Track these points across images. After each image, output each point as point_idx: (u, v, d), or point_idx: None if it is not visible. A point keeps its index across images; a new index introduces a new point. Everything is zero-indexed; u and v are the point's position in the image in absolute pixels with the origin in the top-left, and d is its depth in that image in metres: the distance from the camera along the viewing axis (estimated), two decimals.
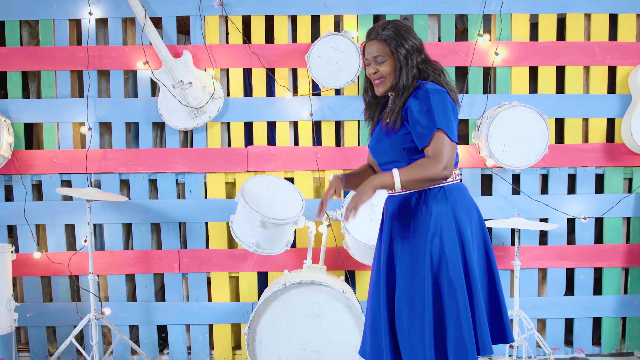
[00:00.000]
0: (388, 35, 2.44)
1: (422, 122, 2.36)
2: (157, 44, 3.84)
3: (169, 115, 3.91)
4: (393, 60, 2.45)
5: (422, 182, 2.36)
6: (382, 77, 2.48)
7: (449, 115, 2.37)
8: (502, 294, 2.57)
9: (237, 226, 3.51)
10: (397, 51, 2.43)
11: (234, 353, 4.11)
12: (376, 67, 2.48)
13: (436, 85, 2.42)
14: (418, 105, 2.38)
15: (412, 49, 2.44)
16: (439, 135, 2.33)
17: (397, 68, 2.44)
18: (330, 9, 3.97)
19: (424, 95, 2.38)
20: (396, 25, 2.47)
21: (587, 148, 4.02)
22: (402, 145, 2.46)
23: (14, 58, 3.97)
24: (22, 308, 3.99)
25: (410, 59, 2.44)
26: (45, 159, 3.99)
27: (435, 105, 2.35)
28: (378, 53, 2.46)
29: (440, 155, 2.31)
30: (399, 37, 2.44)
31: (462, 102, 3.98)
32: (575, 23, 4.01)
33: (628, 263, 4.06)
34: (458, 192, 2.49)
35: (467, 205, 2.49)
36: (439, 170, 2.31)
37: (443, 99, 2.38)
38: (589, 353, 4.11)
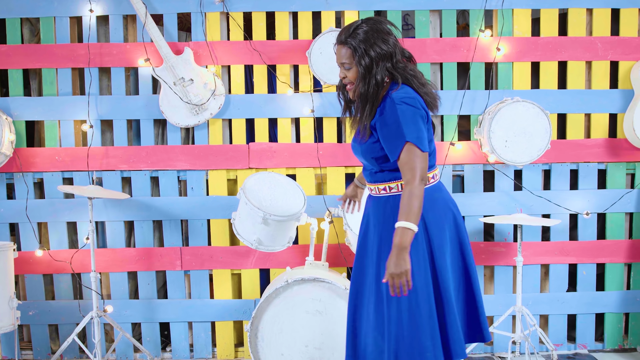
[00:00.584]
0: (353, 42, 2.40)
1: (390, 135, 2.37)
2: (158, 41, 3.83)
3: (170, 113, 3.90)
4: (357, 68, 2.43)
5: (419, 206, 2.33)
6: (350, 82, 2.49)
7: (417, 124, 2.36)
8: (479, 294, 2.59)
9: (239, 223, 3.50)
10: (359, 62, 2.40)
11: (237, 350, 4.11)
12: (345, 72, 2.49)
13: (405, 93, 2.40)
14: (385, 118, 2.38)
15: (378, 56, 2.39)
16: (408, 148, 2.34)
17: (359, 76, 2.43)
18: (331, 5, 3.96)
19: (390, 107, 2.37)
20: (365, 30, 2.41)
21: (590, 143, 4.01)
22: (371, 155, 2.50)
23: (15, 56, 3.97)
24: (25, 306, 3.99)
25: (375, 67, 2.40)
26: (47, 157, 3.99)
27: (403, 117, 2.35)
28: (345, 59, 2.45)
29: (413, 170, 2.34)
30: (365, 44, 2.39)
31: (464, 98, 3.97)
32: (577, 18, 4.00)
33: (631, 259, 4.05)
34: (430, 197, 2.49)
35: (439, 208, 2.51)
36: (418, 188, 2.33)
37: (410, 108, 2.37)
38: (591, 349, 4.10)
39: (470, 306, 2.59)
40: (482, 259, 4.03)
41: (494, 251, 4.02)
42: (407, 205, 2.31)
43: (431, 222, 2.47)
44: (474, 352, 4.07)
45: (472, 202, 4.01)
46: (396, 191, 2.51)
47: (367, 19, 2.47)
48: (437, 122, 4.11)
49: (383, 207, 2.53)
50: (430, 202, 2.48)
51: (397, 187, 2.51)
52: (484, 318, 2.60)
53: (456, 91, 3.99)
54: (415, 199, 2.31)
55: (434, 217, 2.48)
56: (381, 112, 2.40)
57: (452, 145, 3.97)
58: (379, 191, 2.56)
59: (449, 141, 3.99)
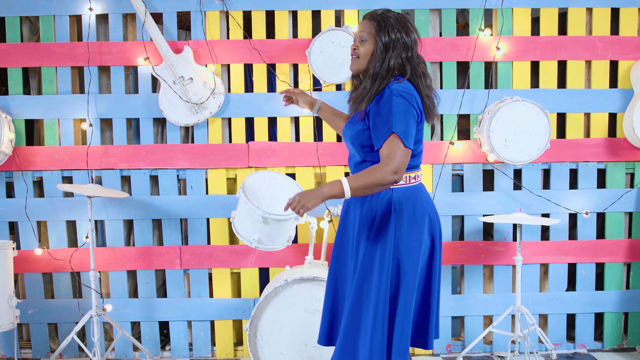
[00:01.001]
0: (380, 19, 2.47)
1: (379, 123, 2.39)
2: (158, 39, 3.83)
3: (169, 111, 3.90)
4: (374, 43, 2.48)
5: (371, 188, 2.38)
6: (357, 56, 2.52)
7: (407, 120, 2.38)
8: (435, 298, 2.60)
9: (239, 222, 3.50)
10: (380, 37, 2.45)
11: (236, 349, 4.11)
12: (357, 44, 2.52)
13: (405, 87, 2.42)
14: (380, 106, 2.41)
15: (397, 41, 2.45)
16: (392, 139, 2.36)
17: (374, 52, 2.47)
18: (330, 4, 3.96)
19: (387, 97, 2.40)
20: (395, 16, 2.50)
21: (589, 143, 4.01)
22: (358, 141, 2.51)
23: (15, 54, 3.96)
24: (24, 305, 3.99)
25: (392, 50, 2.45)
26: (46, 156, 3.98)
27: (396, 109, 2.37)
28: (365, 30, 2.50)
29: (391, 159, 2.35)
30: (390, 26, 2.45)
31: (463, 98, 3.97)
32: (576, 17, 4.00)
33: (630, 258, 4.05)
34: (407, 196, 2.51)
35: (416, 208, 2.51)
36: (387, 175, 2.34)
37: (405, 102, 2.39)
38: (590, 348, 4.11)
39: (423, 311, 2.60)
40: (481, 258, 4.03)
41: (493, 250, 4.02)
42: (363, 177, 2.34)
43: (405, 220, 2.47)
44: (473, 352, 4.07)
45: (472, 201, 4.01)
46: None
47: (399, 13, 2.54)
48: (436, 121, 4.12)
49: (362, 200, 2.54)
50: (409, 200, 2.50)
51: None
52: (432, 324, 2.61)
53: (456, 90, 3.99)
54: (372, 179, 2.34)
55: (408, 215, 2.48)
56: (377, 101, 2.43)
57: (452, 144, 3.97)
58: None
59: (448, 140, 3.99)
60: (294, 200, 2.34)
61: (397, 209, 2.48)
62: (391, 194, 2.49)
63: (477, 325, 4.07)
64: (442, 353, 4.09)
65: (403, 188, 2.51)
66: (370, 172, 2.36)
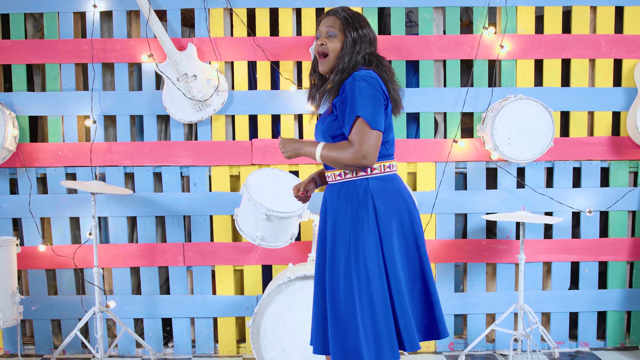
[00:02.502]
0: (346, 15, 2.51)
1: (345, 109, 2.40)
2: (162, 36, 3.83)
3: (173, 108, 3.91)
4: (342, 39, 2.50)
5: (338, 164, 2.44)
6: (326, 53, 2.52)
7: (372, 102, 2.38)
8: (434, 288, 2.56)
9: (242, 219, 3.51)
10: (349, 32, 2.49)
11: (239, 346, 4.11)
12: (325, 40, 2.53)
13: (367, 73, 2.43)
14: (345, 94, 2.41)
15: (364, 36, 2.51)
16: (359, 123, 2.36)
17: (343, 47, 2.49)
18: (335, 1, 3.96)
19: (350, 83, 2.41)
20: (357, 13, 2.55)
21: (593, 141, 4.00)
22: (329, 132, 2.51)
23: (19, 51, 3.97)
24: (27, 301, 4.00)
25: (359, 45, 2.49)
26: (50, 152, 3.99)
27: (359, 93, 2.37)
28: (332, 25, 2.51)
29: (357, 142, 2.36)
30: (356, 22, 2.51)
31: (467, 96, 3.97)
32: (580, 15, 4.00)
33: (633, 257, 4.05)
34: (384, 185, 2.50)
35: (391, 197, 2.50)
36: (355, 158, 2.36)
37: (369, 86, 2.39)
38: (593, 347, 4.11)
39: (426, 301, 2.56)
40: (484, 256, 4.03)
41: (496, 249, 4.02)
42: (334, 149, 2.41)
43: (381, 210, 2.45)
44: (475, 350, 4.07)
45: (475, 199, 4.01)
46: (351, 177, 2.50)
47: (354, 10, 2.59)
48: (440, 119, 4.12)
49: (337, 194, 2.53)
50: (383, 190, 2.49)
51: (352, 173, 2.51)
52: (439, 314, 2.56)
53: (459, 88, 3.99)
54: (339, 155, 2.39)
55: (383, 204, 2.46)
56: (343, 90, 2.44)
57: (455, 142, 3.97)
58: (335, 177, 2.55)
59: (451, 138, 3.99)
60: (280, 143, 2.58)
61: (374, 197, 2.46)
62: (367, 184, 2.48)
63: (480, 324, 4.07)
64: (444, 351, 4.09)
65: (378, 177, 2.50)
66: (340, 147, 2.40)
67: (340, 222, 2.49)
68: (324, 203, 2.64)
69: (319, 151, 2.45)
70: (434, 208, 4.00)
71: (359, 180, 2.49)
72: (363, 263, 2.41)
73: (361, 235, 2.43)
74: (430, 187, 4.02)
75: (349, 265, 2.43)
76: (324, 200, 2.65)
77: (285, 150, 2.55)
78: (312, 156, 2.47)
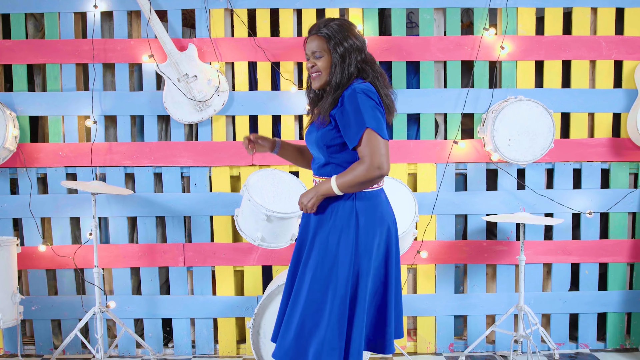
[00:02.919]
0: (328, 32, 2.49)
1: (351, 122, 2.41)
2: (163, 37, 3.83)
3: (174, 109, 3.91)
4: (330, 56, 2.49)
5: (356, 185, 2.44)
6: (318, 71, 2.53)
7: (376, 114, 2.41)
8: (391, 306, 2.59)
9: (242, 220, 3.51)
10: (335, 49, 2.48)
11: (239, 347, 4.11)
12: (314, 61, 2.53)
13: (367, 87, 2.45)
14: (346, 107, 2.42)
15: (351, 47, 2.48)
16: (368, 134, 2.38)
17: (332, 65, 2.49)
18: (335, 2, 3.96)
19: (351, 96, 2.42)
20: (339, 23, 2.51)
21: (593, 143, 4.01)
22: (323, 142, 2.52)
23: (20, 51, 3.97)
24: (28, 301, 4.00)
25: (348, 58, 2.48)
26: (51, 152, 3.99)
27: (363, 105, 2.39)
28: (316, 49, 2.51)
29: (369, 155, 2.38)
30: (339, 35, 2.48)
31: (467, 97, 3.97)
32: (581, 17, 4.00)
33: (633, 258, 4.05)
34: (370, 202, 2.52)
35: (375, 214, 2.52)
36: (370, 171, 2.38)
37: (369, 99, 2.41)
38: (593, 348, 4.11)
39: (380, 316, 2.60)
40: (484, 257, 4.03)
41: (496, 250, 4.02)
42: (347, 175, 2.42)
43: (362, 226, 2.48)
44: (475, 351, 4.07)
45: (475, 200, 4.01)
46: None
47: (338, 18, 2.58)
48: (440, 120, 4.12)
49: (323, 203, 2.54)
50: (368, 207, 2.51)
51: None
52: (390, 330, 2.59)
53: (460, 89, 4.00)
54: (355, 177, 2.40)
55: (366, 221, 2.49)
56: (342, 103, 2.44)
57: (456, 143, 3.97)
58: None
59: (452, 139, 3.99)
60: (300, 203, 2.54)
61: (359, 213, 2.49)
62: (354, 198, 2.50)
63: (480, 325, 4.07)
64: (444, 352, 4.09)
65: (364, 193, 2.52)
66: (352, 169, 2.41)
67: (322, 232, 2.52)
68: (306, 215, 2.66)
69: (334, 183, 2.44)
70: (434, 209, 4.00)
71: (346, 194, 2.51)
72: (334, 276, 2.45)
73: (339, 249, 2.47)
74: (431, 188, 4.02)
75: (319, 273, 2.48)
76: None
77: (309, 200, 2.51)
78: (331, 191, 2.46)
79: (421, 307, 4.06)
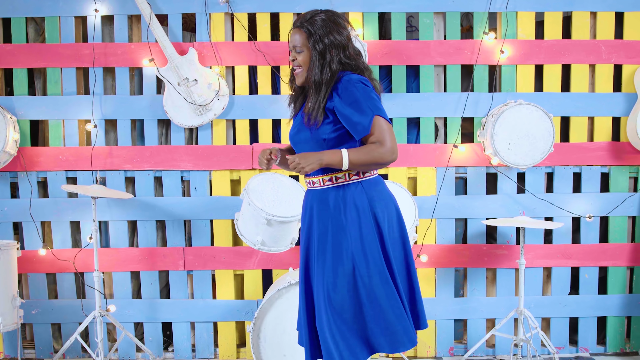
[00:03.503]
0: (310, 28, 2.45)
1: (355, 113, 2.39)
2: (163, 41, 3.84)
3: (174, 113, 3.91)
4: (310, 52, 2.47)
5: (369, 165, 2.43)
6: (299, 66, 2.51)
7: (377, 100, 2.42)
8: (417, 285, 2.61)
9: (242, 224, 3.51)
10: (314, 46, 2.44)
11: (239, 350, 4.11)
12: (295, 55, 2.51)
13: (360, 77, 2.44)
14: (345, 98, 2.40)
15: (332, 44, 2.44)
16: (379, 121, 2.39)
17: (311, 61, 2.46)
18: (335, 6, 3.96)
19: (347, 87, 2.40)
20: (323, 17, 2.46)
21: (593, 147, 4.01)
22: (323, 136, 2.47)
23: (20, 55, 3.98)
24: (28, 305, 4.00)
25: (329, 54, 2.45)
26: (51, 156, 4.00)
27: (365, 94, 2.39)
28: (297, 43, 2.49)
29: (387, 140, 2.38)
30: (321, 31, 2.44)
31: (467, 101, 3.98)
32: (581, 21, 4.00)
33: (633, 262, 4.05)
34: (375, 186, 2.52)
35: (384, 200, 2.53)
36: (386, 155, 2.38)
37: (366, 86, 2.41)
38: (593, 352, 4.10)
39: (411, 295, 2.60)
40: (484, 261, 4.03)
41: (496, 254, 4.03)
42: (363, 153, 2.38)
43: (379, 211, 2.48)
44: (475, 355, 4.07)
45: (475, 204, 4.01)
46: (343, 181, 2.49)
47: (326, 10, 2.51)
48: (440, 124, 4.12)
49: (329, 198, 2.50)
50: (377, 192, 2.51)
51: (345, 176, 2.49)
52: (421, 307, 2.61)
53: (460, 93, 4.00)
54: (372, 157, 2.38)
55: (380, 206, 2.49)
56: (339, 94, 2.42)
57: (455, 147, 3.97)
58: (324, 183, 2.52)
59: (452, 143, 4.00)
60: (293, 160, 2.39)
61: (371, 201, 2.47)
62: (361, 187, 2.48)
63: (480, 329, 4.07)
64: (444, 356, 4.09)
65: (369, 180, 2.51)
66: (370, 150, 2.39)
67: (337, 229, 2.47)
68: (309, 210, 2.58)
69: (346, 159, 2.37)
70: (434, 213, 4.00)
71: (353, 184, 2.49)
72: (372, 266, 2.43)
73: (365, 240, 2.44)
74: (431, 192, 4.02)
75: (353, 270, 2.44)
76: (308, 206, 2.59)
77: (308, 163, 2.37)
78: (339, 164, 2.38)
79: None
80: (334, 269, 2.46)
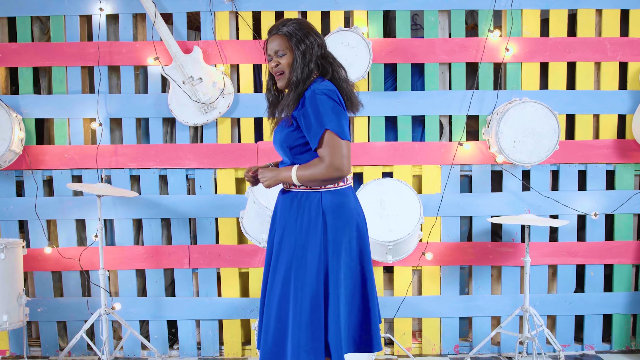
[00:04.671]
0: (289, 30, 2.51)
1: (311, 124, 2.42)
2: (168, 39, 3.84)
3: (179, 111, 3.92)
4: (292, 54, 2.51)
5: (315, 182, 2.48)
6: (282, 70, 2.54)
7: (336, 114, 2.43)
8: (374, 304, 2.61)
9: (247, 222, 3.51)
10: (297, 46, 2.49)
11: (244, 348, 4.12)
12: (277, 60, 2.54)
13: (325, 86, 2.47)
14: (306, 108, 2.43)
15: (312, 44, 2.51)
16: (328, 136, 2.40)
17: (295, 61, 2.50)
18: (340, 4, 3.96)
19: (311, 97, 2.44)
20: (297, 22, 2.54)
21: (598, 144, 4.00)
22: (287, 143, 2.53)
23: (25, 54, 3.99)
24: (33, 303, 4.01)
25: (309, 54, 2.50)
26: (56, 155, 4.00)
27: (322, 106, 2.41)
28: (279, 47, 2.52)
29: (328, 156, 2.40)
30: (300, 33, 2.50)
31: (472, 98, 3.97)
32: (586, 19, 4.00)
33: (639, 260, 4.04)
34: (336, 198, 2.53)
35: (343, 213, 2.53)
36: (328, 172, 2.41)
37: (329, 99, 2.43)
38: (599, 350, 4.10)
39: (364, 315, 2.60)
40: (489, 259, 4.03)
41: (501, 251, 4.02)
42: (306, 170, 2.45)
43: (330, 225, 2.49)
44: (480, 352, 4.07)
45: (480, 202, 4.01)
46: (304, 188, 2.54)
47: (294, 18, 2.59)
48: (445, 122, 4.12)
49: (290, 203, 2.56)
50: (335, 205, 2.52)
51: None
52: (375, 328, 2.61)
53: (465, 91, 4.00)
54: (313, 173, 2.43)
55: (333, 220, 2.50)
56: (302, 104, 2.46)
57: (460, 145, 3.97)
58: (289, 186, 2.59)
59: (457, 141, 3.99)
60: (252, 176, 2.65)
61: (326, 212, 2.50)
62: (320, 197, 2.51)
63: (485, 326, 4.07)
64: (449, 354, 4.09)
65: (331, 192, 2.53)
66: (311, 165, 2.44)
67: (289, 231, 2.53)
68: (275, 209, 2.67)
69: (294, 174, 2.46)
70: (439, 211, 4.00)
71: (313, 193, 2.52)
72: (302, 276, 2.46)
73: (308, 248, 2.47)
74: (436, 189, 4.02)
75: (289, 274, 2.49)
76: (275, 206, 2.68)
77: (266, 179, 2.56)
78: (290, 180, 2.49)
79: (426, 308, 4.06)
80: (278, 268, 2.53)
